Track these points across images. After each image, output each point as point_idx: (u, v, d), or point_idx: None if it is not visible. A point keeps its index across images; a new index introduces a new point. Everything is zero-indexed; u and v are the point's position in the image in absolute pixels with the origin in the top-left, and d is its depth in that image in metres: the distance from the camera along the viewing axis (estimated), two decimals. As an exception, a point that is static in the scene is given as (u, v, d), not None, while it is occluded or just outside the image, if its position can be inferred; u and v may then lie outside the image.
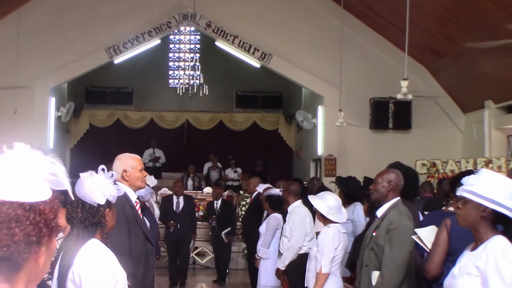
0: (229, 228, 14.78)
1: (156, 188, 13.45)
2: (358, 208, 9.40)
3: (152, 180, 11.32)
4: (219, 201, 15.28)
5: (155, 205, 12.86)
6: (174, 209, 14.18)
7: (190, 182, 21.33)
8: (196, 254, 16.19)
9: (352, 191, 9.57)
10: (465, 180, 4.08)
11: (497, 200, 3.92)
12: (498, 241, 4.01)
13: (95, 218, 3.96)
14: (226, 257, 15.19)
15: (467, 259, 4.13)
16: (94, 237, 3.97)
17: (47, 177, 1.74)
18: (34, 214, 1.67)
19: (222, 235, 14.61)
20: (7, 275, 1.66)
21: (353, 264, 7.07)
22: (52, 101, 19.36)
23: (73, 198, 3.84)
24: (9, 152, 1.70)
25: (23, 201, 1.66)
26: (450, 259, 5.24)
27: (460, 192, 4.09)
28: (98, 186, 3.89)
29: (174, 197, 14.37)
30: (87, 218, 3.94)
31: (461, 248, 4.68)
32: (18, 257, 1.66)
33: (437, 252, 5.38)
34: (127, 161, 5.84)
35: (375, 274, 5.96)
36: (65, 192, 1.85)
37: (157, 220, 12.53)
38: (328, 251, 7.33)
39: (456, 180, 5.60)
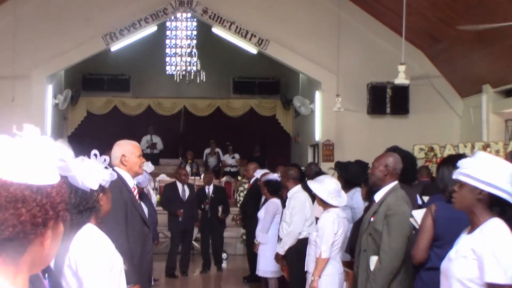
0: (222, 206, 14.70)
1: (153, 175, 13.43)
2: (358, 195, 9.36)
3: (149, 166, 11.32)
4: (211, 186, 15.03)
5: (152, 192, 12.84)
6: (181, 197, 14.08)
7: (188, 169, 21.33)
8: (194, 240, 16.19)
9: (352, 176, 9.55)
10: (461, 163, 4.08)
11: (493, 182, 3.92)
12: (494, 224, 4.01)
13: (89, 203, 3.96)
14: (219, 243, 15.02)
15: (463, 242, 4.13)
16: (89, 222, 3.98)
17: (55, 161, 1.76)
18: (41, 196, 1.68)
19: (219, 208, 14.55)
20: (13, 256, 1.67)
21: (353, 249, 7.08)
22: (49, 88, 19.35)
23: (80, 184, 3.85)
24: (19, 135, 1.72)
25: (30, 183, 1.67)
26: (437, 244, 5.26)
27: (456, 175, 4.09)
28: (90, 171, 3.88)
29: (179, 185, 14.20)
30: (81, 204, 3.94)
31: (446, 233, 4.71)
32: (23, 238, 1.66)
33: (422, 238, 5.38)
34: (126, 147, 5.95)
35: (374, 259, 5.97)
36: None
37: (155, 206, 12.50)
38: (328, 236, 7.32)
39: (440, 166, 5.62)
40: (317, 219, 8.38)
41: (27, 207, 1.65)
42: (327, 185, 7.42)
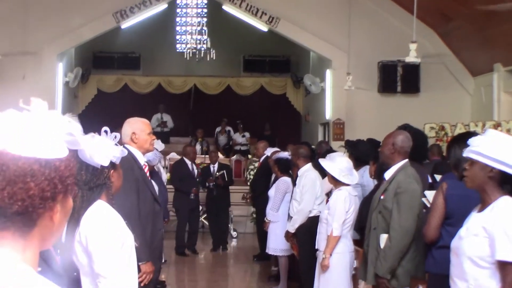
0: (223, 171, 14.70)
1: (163, 153, 13.42)
2: (368, 173, 9.35)
3: (159, 145, 11.33)
4: (216, 165, 14.99)
5: (162, 170, 12.84)
6: (192, 174, 14.18)
7: (198, 147, 21.32)
8: (204, 218, 16.22)
9: (362, 154, 9.52)
10: (472, 141, 4.06)
11: (504, 160, 3.90)
12: (505, 202, 4.00)
13: (100, 180, 3.96)
14: (225, 222, 15.07)
15: (474, 220, 4.13)
16: (99, 198, 3.98)
17: (64, 135, 1.75)
18: (49, 170, 1.68)
19: (217, 174, 14.56)
20: (22, 230, 1.67)
21: (361, 227, 7.08)
22: (60, 66, 19.36)
23: (88, 158, 3.86)
24: (27, 109, 1.71)
25: (39, 157, 1.67)
26: (448, 222, 5.25)
27: (466, 153, 4.07)
28: (100, 148, 3.89)
29: (188, 162, 14.13)
30: (91, 180, 3.94)
31: (458, 211, 4.69)
32: (33, 212, 1.67)
33: (434, 216, 5.38)
34: (136, 124, 5.96)
35: (383, 237, 5.98)
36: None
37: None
38: (339, 213, 7.33)
39: (451, 145, 5.60)
40: (327, 195, 8.38)
41: (36, 181, 1.65)
42: (338, 163, 7.41)
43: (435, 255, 5.37)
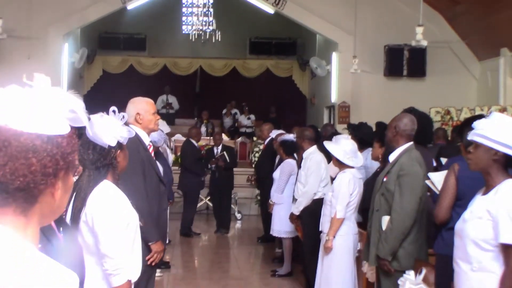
0: (224, 152, 14.62)
1: (169, 134, 13.43)
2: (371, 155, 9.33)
3: (165, 126, 11.33)
4: (220, 147, 14.87)
5: (168, 151, 12.82)
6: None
7: (203, 129, 21.32)
8: (209, 200, 16.24)
9: (365, 136, 9.51)
10: (476, 124, 4.06)
11: (509, 143, 3.91)
12: (509, 185, 4.01)
13: (107, 160, 3.98)
14: (227, 205, 14.98)
15: (478, 203, 4.13)
16: (106, 178, 4.00)
17: (66, 112, 1.74)
18: (51, 146, 1.67)
19: (218, 156, 14.56)
20: (23, 207, 1.67)
21: (365, 209, 7.08)
22: (66, 47, 19.34)
23: (90, 136, 3.87)
24: (29, 85, 1.71)
25: (41, 133, 1.66)
26: (459, 203, 5.25)
27: (471, 136, 4.08)
28: (108, 128, 3.89)
29: (195, 143, 14.25)
30: (99, 160, 3.96)
31: (469, 192, 4.68)
32: (34, 188, 1.66)
33: (445, 197, 5.38)
34: (140, 104, 5.90)
35: (385, 219, 6.00)
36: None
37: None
38: (343, 196, 7.34)
39: (464, 127, 5.59)
40: (332, 179, 8.38)
41: (37, 157, 1.65)
42: (343, 146, 7.41)
43: (444, 236, 5.37)
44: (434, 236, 5.68)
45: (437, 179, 5.75)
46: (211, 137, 19.06)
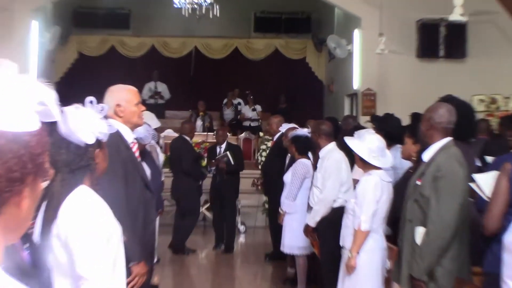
0: (227, 153, 14.42)
1: (158, 130, 13.41)
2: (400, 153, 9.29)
3: (154, 121, 11.33)
4: (224, 145, 14.68)
5: (159, 150, 12.75)
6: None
7: (199, 122, 21.32)
8: (207, 209, 16.24)
9: (393, 130, 9.47)
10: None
11: None
12: None
13: (83, 161, 3.97)
14: (231, 218, 14.72)
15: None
16: (82, 183, 3.98)
17: (34, 105, 1.72)
18: (18, 146, 1.65)
19: (216, 159, 14.40)
20: None
21: (395, 219, 7.06)
22: (34, 25, 19.33)
23: (63, 132, 3.85)
24: None
25: (5, 130, 1.64)
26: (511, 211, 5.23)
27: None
28: (86, 122, 3.89)
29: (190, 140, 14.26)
30: (74, 161, 3.95)
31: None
32: None
33: (497, 204, 5.36)
34: (121, 94, 5.88)
35: (420, 231, 5.97)
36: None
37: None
38: (368, 203, 7.28)
39: (508, 119, 5.58)
40: (355, 183, 8.37)
41: (2, 159, 1.63)
42: (368, 142, 7.35)
43: (495, 250, 5.33)
44: (480, 250, 5.65)
45: (484, 181, 5.71)
46: (209, 133, 19.08)
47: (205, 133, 19.68)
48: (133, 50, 24.73)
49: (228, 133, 15.77)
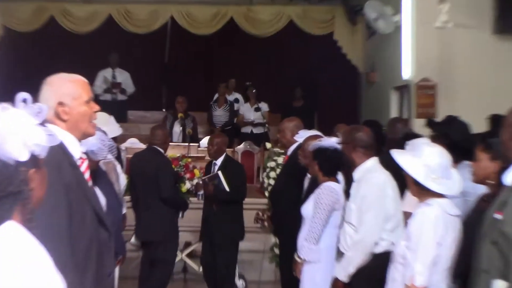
0: (218, 172, 14.07)
1: (119, 140, 13.43)
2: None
3: (113, 127, 11.37)
4: (219, 161, 14.42)
5: (119, 168, 12.64)
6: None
7: (177, 128, 21.28)
8: (188, 255, 16.29)
9: (459, 140, 9.46)
10: None
11: None
12: None
13: (12, 186, 3.99)
14: (224, 270, 14.34)
15: None
16: (10, 218, 4.01)
17: None
18: None
19: (203, 180, 14.29)
20: None
21: (463, 269, 7.09)
22: None
23: None
24: None
25: None
26: None
27: None
28: (15, 131, 3.91)
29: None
30: (-2, 186, 3.98)
31: None
32: None
33: None
34: (64, 87, 5.84)
35: (499, 285, 5.97)
36: None
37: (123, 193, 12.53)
38: (426, 247, 7.30)
39: None
40: (407, 216, 8.40)
41: None
42: (426, 158, 7.37)
43: None
44: None
45: None
46: (192, 144, 19.06)
47: (186, 143, 19.53)
48: (81, 22, 24.79)
49: (225, 142, 15.44)
